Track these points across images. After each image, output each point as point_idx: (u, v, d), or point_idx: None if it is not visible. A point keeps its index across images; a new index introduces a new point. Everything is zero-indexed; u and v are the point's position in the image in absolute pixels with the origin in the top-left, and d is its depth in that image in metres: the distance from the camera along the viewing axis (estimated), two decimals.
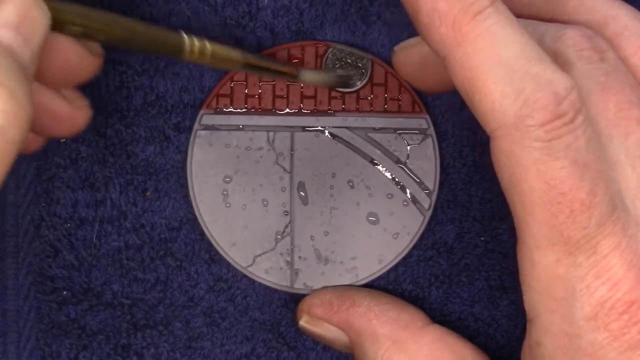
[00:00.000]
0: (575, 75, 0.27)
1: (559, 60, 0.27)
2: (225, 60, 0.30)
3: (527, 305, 0.27)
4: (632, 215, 0.26)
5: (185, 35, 0.28)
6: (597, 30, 0.28)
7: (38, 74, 0.25)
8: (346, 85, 0.34)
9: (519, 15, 0.30)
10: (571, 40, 0.27)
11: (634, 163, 0.26)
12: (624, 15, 0.29)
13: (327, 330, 0.34)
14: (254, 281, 0.35)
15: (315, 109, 0.35)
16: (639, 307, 0.25)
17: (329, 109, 0.35)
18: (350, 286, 0.35)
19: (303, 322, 0.34)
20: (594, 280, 0.25)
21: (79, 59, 0.28)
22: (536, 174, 0.24)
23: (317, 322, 0.34)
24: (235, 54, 0.30)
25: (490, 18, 0.25)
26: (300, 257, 0.35)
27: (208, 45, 0.28)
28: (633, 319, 0.25)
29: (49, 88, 0.29)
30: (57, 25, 0.24)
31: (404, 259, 0.35)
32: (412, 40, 0.34)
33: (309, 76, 0.33)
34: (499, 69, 0.24)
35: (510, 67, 0.24)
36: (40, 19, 0.23)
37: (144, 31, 0.27)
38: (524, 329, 0.28)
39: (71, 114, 0.29)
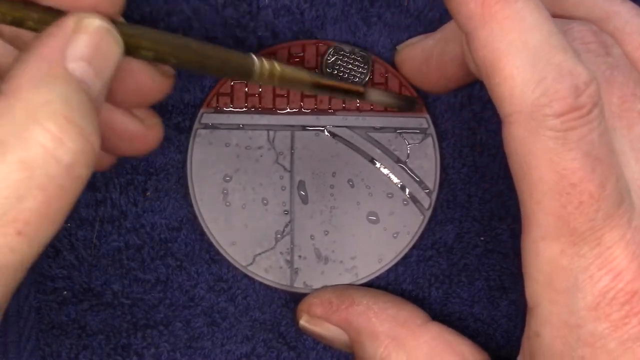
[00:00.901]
0: None
1: None
2: (294, 81, 0.29)
3: (528, 296, 0.27)
4: (636, 207, 0.26)
5: (255, 57, 0.27)
6: (598, 26, 0.28)
7: (110, 96, 0.25)
8: (410, 108, 0.34)
9: None
10: (578, 33, 0.28)
11: (637, 155, 0.26)
12: (625, 12, 0.29)
13: (327, 330, 0.34)
14: (254, 281, 0.35)
15: (315, 108, 0.35)
16: None
17: (330, 108, 0.35)
18: (349, 285, 0.35)
19: (303, 322, 0.34)
20: (597, 270, 0.25)
21: (150, 81, 0.28)
22: (548, 163, 0.24)
23: (317, 321, 0.34)
24: (303, 74, 0.30)
25: (520, 1, 0.25)
26: (300, 256, 0.35)
27: (277, 66, 0.28)
28: (634, 310, 0.25)
29: (120, 108, 0.28)
30: (130, 50, 0.24)
31: (404, 258, 0.35)
32: (414, 39, 0.34)
33: (376, 95, 0.33)
34: (522, 54, 0.25)
35: (534, 54, 0.25)
36: (113, 49, 0.23)
37: (215, 54, 0.26)
38: (523, 329, 0.28)
39: (143, 133, 0.29)
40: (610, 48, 0.27)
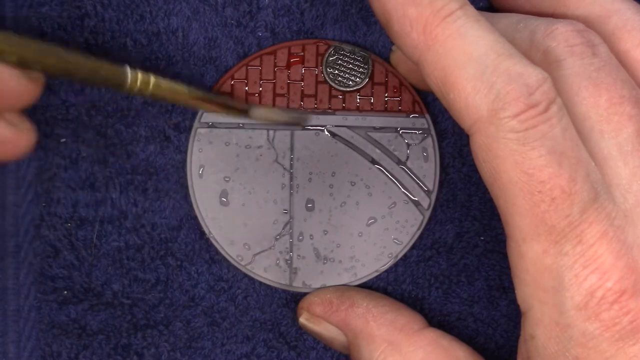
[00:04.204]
0: (567, 72, 0.27)
1: (550, 57, 0.28)
2: (171, 94, 0.30)
3: (520, 300, 0.27)
4: (622, 208, 0.26)
5: (129, 70, 0.28)
6: (598, 23, 0.28)
7: None
8: (298, 124, 0.35)
9: (520, 9, 0.31)
10: (562, 35, 0.28)
11: (625, 158, 0.26)
12: (626, 9, 0.29)
13: (326, 329, 0.34)
14: (254, 281, 0.35)
15: (315, 108, 0.35)
16: (630, 297, 0.25)
17: (329, 108, 0.35)
18: (351, 287, 0.35)
19: (303, 319, 0.34)
20: (582, 269, 0.25)
21: (17, 85, 0.27)
22: (514, 165, 0.25)
23: (316, 320, 0.34)
24: (180, 88, 0.31)
25: (460, 20, 0.25)
26: (299, 256, 0.35)
27: (153, 78, 0.29)
28: (624, 309, 0.25)
29: None
30: None
31: (404, 258, 0.35)
32: None
33: (260, 113, 0.33)
34: (469, 66, 0.25)
35: (481, 63, 0.25)
36: None
37: (83, 63, 0.27)
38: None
39: (14, 137, 0.29)
40: (597, 47, 0.27)
